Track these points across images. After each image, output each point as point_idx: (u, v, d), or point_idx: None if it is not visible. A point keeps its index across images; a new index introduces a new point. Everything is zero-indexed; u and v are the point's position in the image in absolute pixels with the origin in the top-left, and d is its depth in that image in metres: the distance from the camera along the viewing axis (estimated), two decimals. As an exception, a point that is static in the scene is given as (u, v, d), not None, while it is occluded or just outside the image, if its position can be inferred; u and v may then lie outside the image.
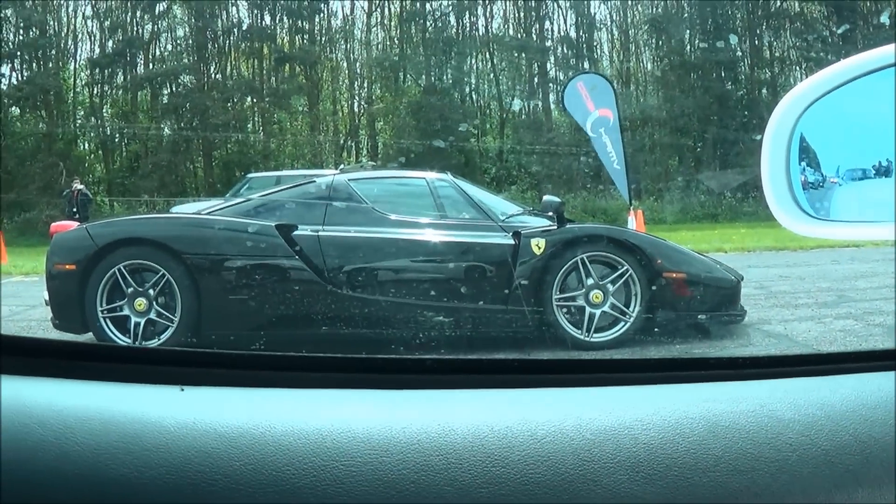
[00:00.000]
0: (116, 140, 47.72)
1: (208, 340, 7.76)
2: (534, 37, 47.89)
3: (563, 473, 0.95)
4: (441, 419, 0.99)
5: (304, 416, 0.98)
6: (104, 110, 46.91)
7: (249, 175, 23.66)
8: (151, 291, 7.74)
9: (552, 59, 48.52)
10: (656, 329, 7.91)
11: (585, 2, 48.09)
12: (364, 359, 1.14)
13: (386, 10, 49.43)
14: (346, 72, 49.31)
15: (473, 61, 49.17)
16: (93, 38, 47.51)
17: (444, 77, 47.72)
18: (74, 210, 26.38)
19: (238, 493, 0.89)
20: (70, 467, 0.89)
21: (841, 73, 1.52)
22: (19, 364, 1.04)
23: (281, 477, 0.90)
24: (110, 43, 46.66)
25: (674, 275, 8.03)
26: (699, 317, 8.14)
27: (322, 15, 48.06)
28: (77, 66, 47.77)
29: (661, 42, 48.52)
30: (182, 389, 1.02)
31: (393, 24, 49.58)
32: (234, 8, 47.77)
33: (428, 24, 47.95)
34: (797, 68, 48.42)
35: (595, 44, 49.34)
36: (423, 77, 47.13)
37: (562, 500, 0.94)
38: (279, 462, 0.91)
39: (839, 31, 44.21)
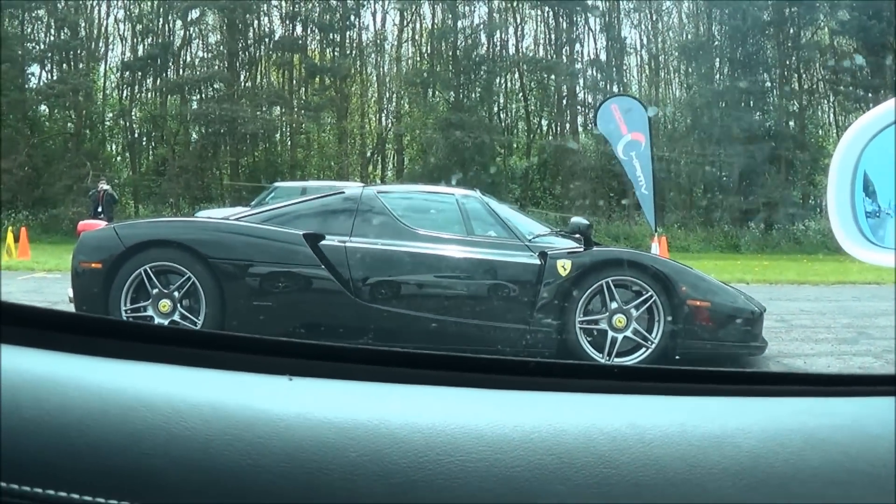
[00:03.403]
0: (144, 143, 47.97)
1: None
2: (564, 58, 47.87)
3: (671, 477, 0.96)
4: (551, 420, 1.00)
5: (417, 411, 0.99)
6: (133, 113, 47.09)
7: (276, 184, 23.78)
8: (176, 294, 7.76)
9: (581, 81, 48.47)
10: (677, 357, 7.87)
11: (616, 25, 48.13)
12: (469, 358, 1.15)
13: (417, 25, 49.61)
14: (376, 86, 49.41)
15: (502, 80, 49.24)
16: (124, 42, 47.88)
17: (473, 95, 47.74)
18: (99, 210, 26.49)
19: (354, 484, 0.90)
20: (179, 451, 0.90)
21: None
22: (124, 349, 1.05)
23: (396, 469, 0.91)
24: (142, 47, 46.90)
25: (698, 303, 7.99)
26: (721, 347, 8.09)
27: (354, 29, 48.22)
28: (108, 67, 48.12)
29: (690, 69, 48.49)
30: (290, 379, 1.03)
31: (423, 39, 49.71)
32: (267, 18, 48.03)
33: (458, 41, 47.95)
34: (826, 101, 48.37)
35: (625, 68, 49.35)
36: (452, 94, 47.15)
37: (669, 503, 0.95)
38: (394, 455, 0.92)
39: (866, 65, 44.10)
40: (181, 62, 47.35)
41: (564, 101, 47.94)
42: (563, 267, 7.91)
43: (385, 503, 0.91)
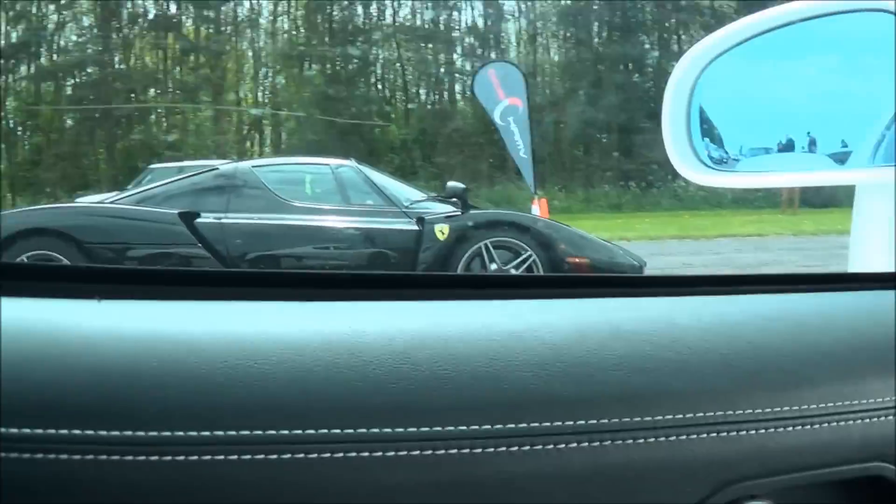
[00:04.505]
0: (19, 133, 47.13)
1: None
2: (441, 27, 47.95)
3: (471, 370, 0.99)
4: (353, 325, 1.03)
5: (223, 324, 1.02)
6: (6, 102, 46.21)
7: (152, 166, 23.39)
8: (53, 281, 7.64)
9: (459, 49, 48.65)
10: None
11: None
12: (277, 273, 1.18)
13: (292, -1, 49.31)
14: (251, 62, 49.08)
15: (380, 51, 49.17)
16: (-7, 29, 46.87)
17: (350, 66, 47.62)
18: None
19: (161, 392, 0.92)
20: None
21: (738, 32, 1.56)
22: None
23: (197, 374, 0.93)
24: (15, 33, 46.06)
25: (577, 259, 8.08)
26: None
27: (228, 4, 47.78)
28: (-23, 57, 47.14)
29: (568, 34, 48.84)
30: (99, 301, 1.04)
31: (299, 13, 49.39)
32: (140, -3, 47.40)
33: (334, 13, 47.80)
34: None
35: (502, 35, 49.56)
36: (329, 67, 46.99)
37: (469, 394, 0.98)
38: (194, 362, 0.94)
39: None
40: (55, 48, 46.62)
41: (442, 70, 48.07)
42: (442, 231, 7.95)
43: (183, 404, 0.93)
